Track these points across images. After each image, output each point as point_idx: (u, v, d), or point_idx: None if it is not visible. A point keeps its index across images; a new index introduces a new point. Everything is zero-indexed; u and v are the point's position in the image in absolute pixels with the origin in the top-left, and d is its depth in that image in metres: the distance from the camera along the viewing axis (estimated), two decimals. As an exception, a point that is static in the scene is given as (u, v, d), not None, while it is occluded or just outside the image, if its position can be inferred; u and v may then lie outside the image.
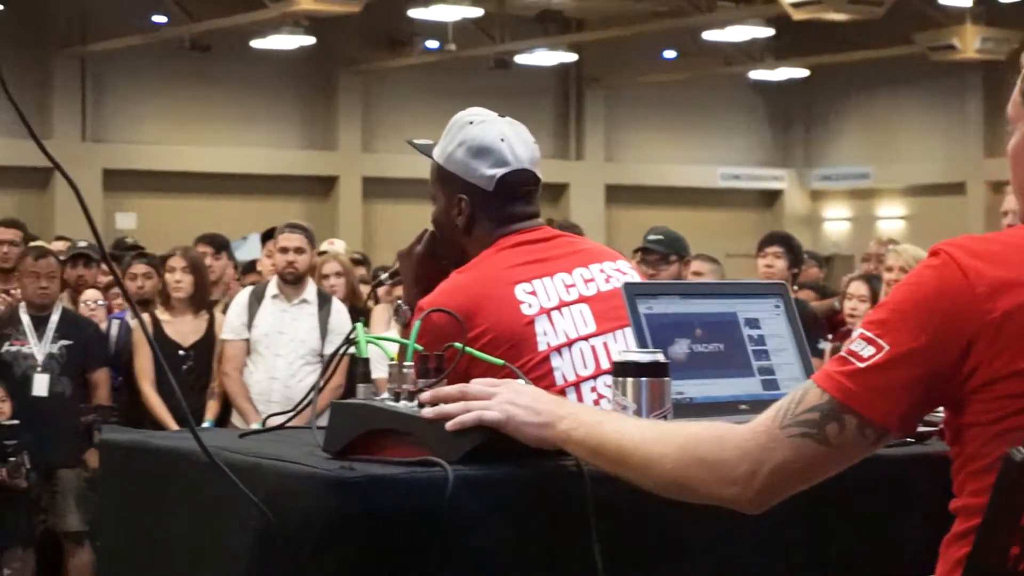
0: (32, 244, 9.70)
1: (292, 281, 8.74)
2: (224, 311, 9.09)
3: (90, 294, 9.91)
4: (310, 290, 8.84)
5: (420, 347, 2.75)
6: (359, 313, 9.42)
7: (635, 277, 3.63)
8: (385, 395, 2.72)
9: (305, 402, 2.94)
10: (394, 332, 8.53)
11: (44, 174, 22.81)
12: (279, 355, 8.68)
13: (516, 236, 3.52)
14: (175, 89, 23.71)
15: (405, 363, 2.70)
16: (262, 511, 2.52)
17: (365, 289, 10.07)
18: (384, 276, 4.32)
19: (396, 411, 2.65)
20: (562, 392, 3.30)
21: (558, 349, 3.36)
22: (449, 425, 2.57)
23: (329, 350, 8.63)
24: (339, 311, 8.85)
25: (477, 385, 2.63)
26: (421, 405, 2.63)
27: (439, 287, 3.48)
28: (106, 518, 3.18)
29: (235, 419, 8.73)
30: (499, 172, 3.50)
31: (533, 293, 3.41)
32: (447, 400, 2.60)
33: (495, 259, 3.49)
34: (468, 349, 2.85)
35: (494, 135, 3.51)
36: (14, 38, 21.63)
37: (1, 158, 22.33)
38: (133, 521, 2.96)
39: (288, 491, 2.54)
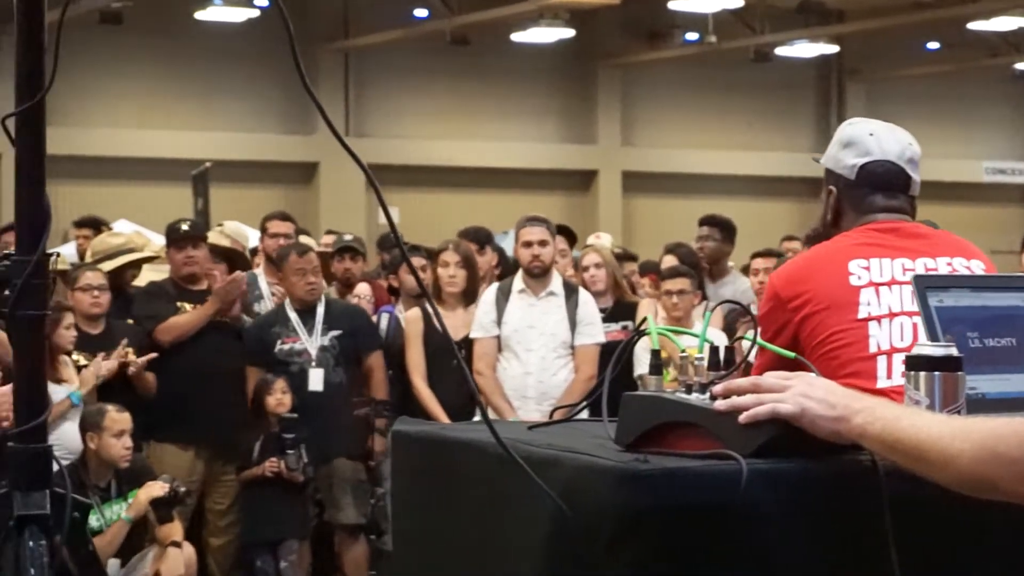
0: (295, 240, 9.83)
1: (538, 274, 8.68)
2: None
3: (361, 288, 10.00)
4: (556, 282, 8.75)
5: (711, 340, 2.73)
6: (624, 307, 9.41)
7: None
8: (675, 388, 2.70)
9: (595, 394, 2.93)
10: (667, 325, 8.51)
11: (309, 169, 23.28)
12: (531, 350, 8.60)
13: (870, 226, 3.67)
14: (435, 83, 23.97)
15: (697, 355, 2.69)
16: (557, 504, 2.53)
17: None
18: None
19: (688, 403, 2.63)
20: (873, 359, 3.38)
21: (878, 319, 3.48)
22: (742, 418, 2.54)
23: (579, 342, 8.63)
24: (586, 301, 8.74)
25: (770, 377, 2.60)
26: (713, 397, 2.61)
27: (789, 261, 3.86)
28: (397, 508, 3.22)
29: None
30: (860, 161, 3.68)
31: (867, 268, 3.57)
32: (740, 392, 2.58)
33: (839, 239, 3.69)
34: (760, 342, 2.82)
35: (864, 130, 3.74)
36: (281, 34, 22.14)
37: (269, 153, 22.87)
38: (424, 511, 2.99)
39: (582, 484, 2.53)
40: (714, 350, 2.70)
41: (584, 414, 3.23)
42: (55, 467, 2.78)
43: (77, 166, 19.77)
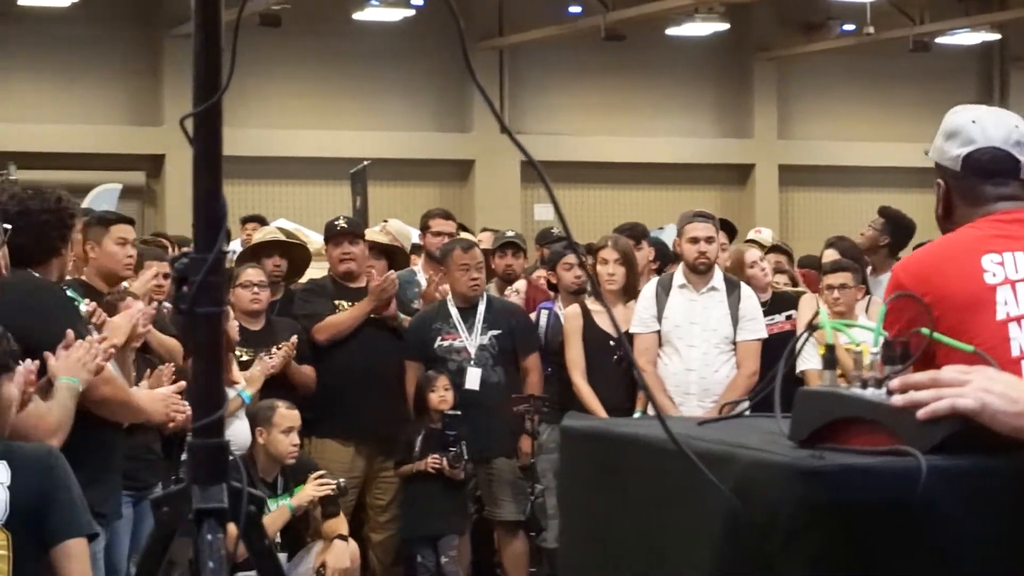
0: (457, 236, 9.87)
1: (703, 271, 8.62)
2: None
3: (519, 284, 10.01)
4: (717, 277, 8.66)
5: (886, 333, 2.69)
6: (782, 299, 9.34)
7: None
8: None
9: (767, 389, 2.91)
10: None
11: (465, 167, 23.38)
12: (693, 345, 8.51)
13: (993, 216, 3.45)
14: (590, 79, 23.96)
15: (871, 350, 2.65)
16: (730, 499, 2.51)
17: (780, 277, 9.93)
18: None
19: (864, 399, 2.60)
20: (1016, 363, 3.19)
21: (1018, 320, 3.25)
22: (921, 413, 2.50)
23: (742, 337, 8.56)
24: (748, 296, 8.65)
25: (949, 372, 2.56)
26: (890, 392, 2.57)
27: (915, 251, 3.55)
28: (564, 502, 3.22)
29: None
30: (964, 151, 3.47)
31: (1001, 264, 3.33)
32: (918, 387, 2.54)
33: (965, 230, 3.45)
34: (937, 335, 2.77)
35: (966, 118, 3.51)
36: (438, 34, 22.25)
37: (425, 151, 23.00)
38: (593, 506, 2.98)
39: (756, 480, 2.52)
40: (889, 344, 2.66)
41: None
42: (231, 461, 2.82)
43: (236, 166, 20.06)
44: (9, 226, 5.35)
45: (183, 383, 6.32)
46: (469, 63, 2.69)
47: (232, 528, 2.74)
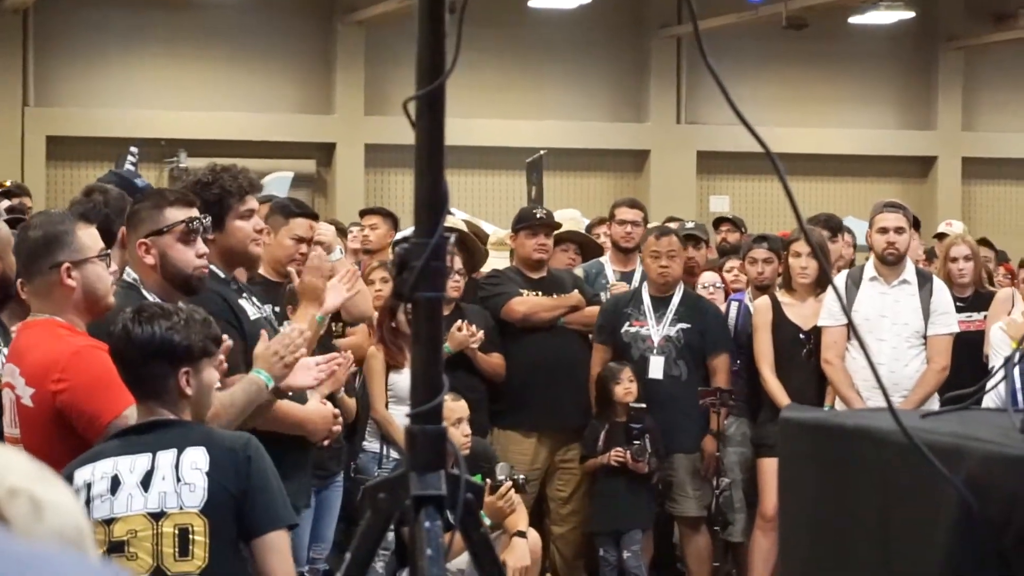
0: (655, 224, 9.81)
1: (892, 262, 8.42)
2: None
3: (708, 276, 9.89)
4: (909, 270, 8.48)
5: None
6: (983, 297, 9.15)
7: None
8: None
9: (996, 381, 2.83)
10: (1016, 315, 8.22)
11: (640, 157, 23.28)
12: (882, 339, 8.31)
13: None
14: (770, 68, 23.71)
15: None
16: (963, 493, 2.45)
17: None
18: None
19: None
20: None
21: None
22: None
23: (933, 331, 8.37)
24: (940, 290, 8.45)
25: None
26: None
27: None
28: (785, 493, 3.17)
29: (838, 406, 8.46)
30: None
31: None
32: None
33: None
34: None
35: None
36: (614, 22, 22.16)
37: (600, 141, 22.93)
38: (816, 498, 2.93)
39: (992, 473, 2.45)
40: None
41: (935, 405, 3.11)
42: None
43: (412, 155, 20.18)
44: None
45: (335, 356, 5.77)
46: (702, 47, 2.62)
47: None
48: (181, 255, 5.19)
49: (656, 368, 8.82)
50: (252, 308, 5.76)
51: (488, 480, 7.76)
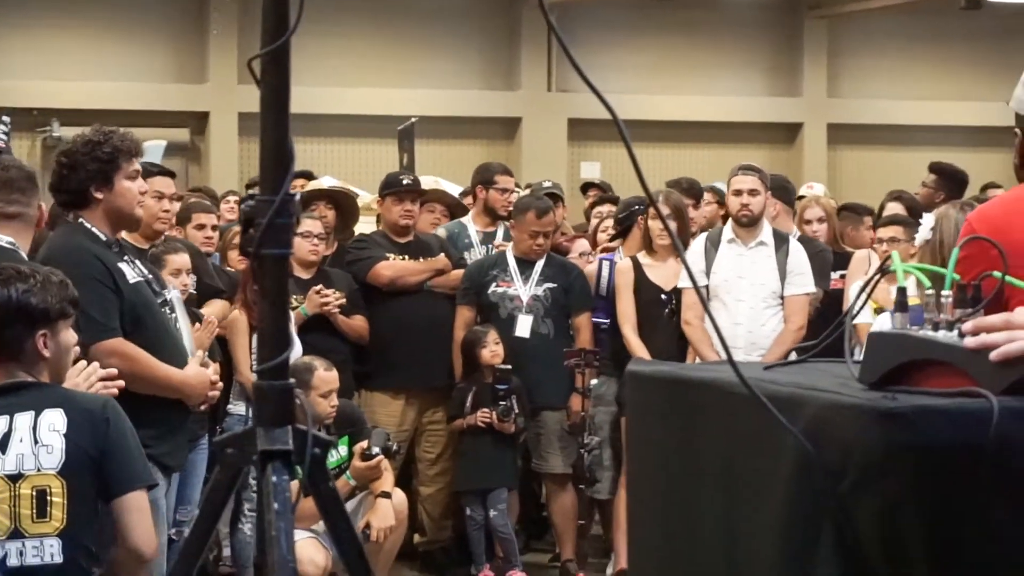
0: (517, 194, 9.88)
1: (747, 224, 8.56)
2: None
3: (580, 244, 10.05)
4: (766, 232, 8.61)
5: (958, 276, 2.66)
6: (839, 257, 9.29)
7: None
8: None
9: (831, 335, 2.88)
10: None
11: (511, 124, 23.31)
12: (741, 299, 8.47)
13: None
14: (640, 38, 23.82)
15: (943, 292, 2.62)
16: (801, 442, 2.49)
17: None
18: None
19: (936, 341, 2.57)
20: None
21: None
22: (994, 355, 2.48)
23: (790, 292, 8.51)
24: (796, 250, 8.59)
25: (1023, 314, 2.53)
26: (962, 335, 2.54)
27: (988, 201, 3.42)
28: (633, 446, 3.21)
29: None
30: None
31: None
32: (991, 330, 2.51)
33: None
34: (1009, 279, 2.73)
35: None
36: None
37: (472, 109, 22.93)
38: (662, 450, 2.97)
39: (828, 422, 2.50)
40: (961, 287, 2.63)
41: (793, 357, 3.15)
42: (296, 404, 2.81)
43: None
44: None
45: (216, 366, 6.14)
46: (547, 15, 2.65)
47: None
48: None
49: (524, 327, 8.93)
50: (132, 271, 5.73)
51: (359, 445, 7.78)
